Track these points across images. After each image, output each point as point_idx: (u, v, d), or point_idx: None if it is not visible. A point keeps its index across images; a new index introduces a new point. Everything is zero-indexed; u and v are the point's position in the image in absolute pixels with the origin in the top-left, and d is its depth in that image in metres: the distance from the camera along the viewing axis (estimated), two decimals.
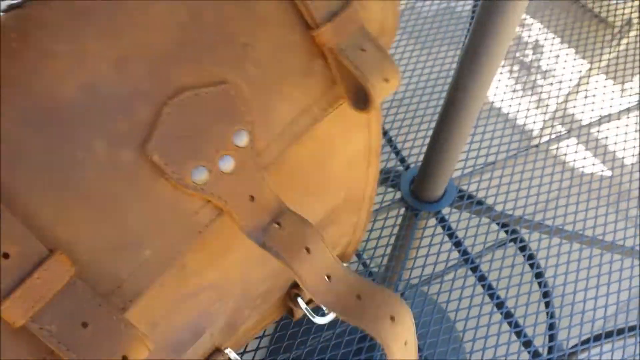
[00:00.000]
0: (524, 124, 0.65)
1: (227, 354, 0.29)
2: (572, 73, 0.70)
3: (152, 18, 0.24)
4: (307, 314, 0.37)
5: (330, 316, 0.33)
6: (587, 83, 0.72)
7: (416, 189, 0.57)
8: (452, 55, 0.67)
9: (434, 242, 0.53)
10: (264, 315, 0.35)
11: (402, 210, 0.57)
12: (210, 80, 0.25)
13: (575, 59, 0.71)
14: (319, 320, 0.34)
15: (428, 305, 0.50)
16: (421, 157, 0.55)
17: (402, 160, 0.61)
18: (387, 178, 0.58)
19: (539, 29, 0.76)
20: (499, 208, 0.56)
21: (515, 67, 0.73)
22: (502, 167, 0.58)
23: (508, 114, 0.65)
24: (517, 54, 0.75)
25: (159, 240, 0.24)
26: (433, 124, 0.52)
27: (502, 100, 0.67)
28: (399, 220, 0.56)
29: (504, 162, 0.59)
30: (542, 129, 0.68)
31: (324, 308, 0.28)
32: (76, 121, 0.23)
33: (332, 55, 0.28)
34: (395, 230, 0.55)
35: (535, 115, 0.66)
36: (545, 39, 0.73)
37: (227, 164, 0.25)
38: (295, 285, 0.37)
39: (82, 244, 0.23)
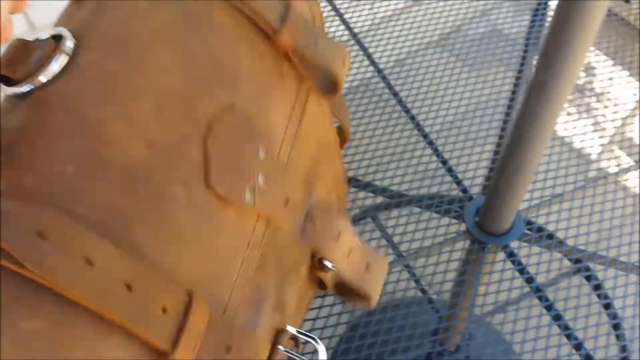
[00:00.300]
0: (588, 154, 0.64)
1: (288, 330, 0.31)
2: (627, 96, 0.69)
3: (160, 65, 0.28)
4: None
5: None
6: None
7: (482, 220, 0.55)
8: (501, 77, 0.67)
9: (504, 278, 0.52)
10: (301, 293, 0.35)
11: (468, 244, 0.56)
12: (223, 107, 0.29)
13: (628, 82, 0.70)
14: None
15: (492, 336, 0.50)
16: (481, 185, 0.55)
17: (465, 191, 0.60)
18: (450, 209, 0.57)
19: (590, 50, 0.75)
20: (569, 242, 0.56)
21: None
22: (570, 198, 0.57)
23: (564, 137, 0.64)
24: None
25: (239, 263, 0.28)
26: (487, 148, 0.51)
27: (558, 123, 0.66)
28: (463, 253, 0.55)
29: (572, 194, 0.58)
30: (600, 153, 0.67)
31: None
32: (156, 175, 0.26)
33: (296, 55, 0.32)
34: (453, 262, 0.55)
35: (593, 139, 0.64)
36: (597, 61, 0.72)
37: (262, 179, 0.29)
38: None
39: (196, 283, 0.25)
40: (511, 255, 0.55)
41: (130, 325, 0.22)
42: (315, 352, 0.32)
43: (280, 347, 0.29)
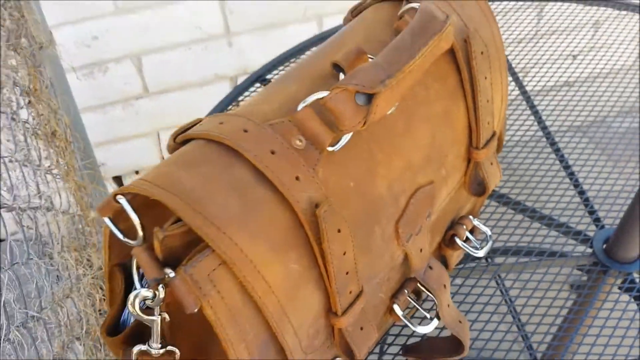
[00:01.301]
0: None
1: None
2: None
3: (417, 140, 0.41)
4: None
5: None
6: None
7: (610, 247, 0.60)
8: (635, 180, 0.70)
9: (621, 300, 0.56)
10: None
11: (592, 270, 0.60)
12: (428, 181, 0.43)
13: None
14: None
15: None
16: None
17: (597, 220, 0.66)
18: (579, 233, 0.63)
19: None
20: None
21: None
22: None
23: None
24: None
25: (385, 271, 0.42)
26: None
27: None
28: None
29: None
30: None
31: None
32: (381, 208, 0.39)
33: (476, 164, 0.47)
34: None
35: None
36: None
37: (418, 231, 0.42)
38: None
39: (365, 279, 0.39)
40: (632, 282, 0.59)
41: (335, 290, 0.36)
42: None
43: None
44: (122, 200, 0.32)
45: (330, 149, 0.35)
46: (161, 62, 1.20)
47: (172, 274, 0.30)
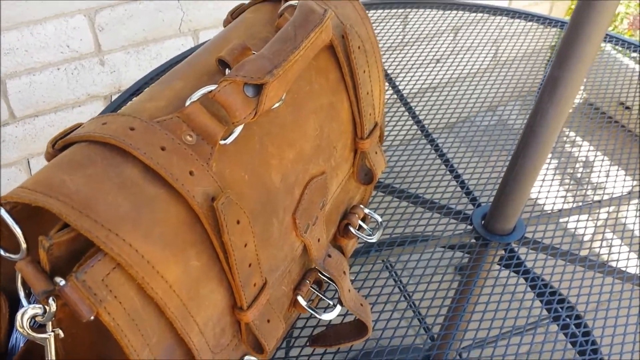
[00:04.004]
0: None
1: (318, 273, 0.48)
2: (622, 188, 0.75)
3: (306, 132, 0.42)
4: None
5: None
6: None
7: (487, 221, 0.65)
8: (501, 165, 0.75)
9: (501, 276, 0.60)
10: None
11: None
12: (320, 171, 0.44)
13: (625, 180, 0.77)
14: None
15: None
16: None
17: (474, 199, 0.71)
18: (459, 212, 0.67)
19: (588, 149, 0.82)
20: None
21: (566, 181, 0.81)
22: None
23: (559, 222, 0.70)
24: (569, 170, 0.84)
25: (286, 264, 0.42)
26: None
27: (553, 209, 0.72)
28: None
29: None
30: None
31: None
32: (277, 199, 0.39)
33: (363, 154, 0.49)
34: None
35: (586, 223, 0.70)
36: (596, 159, 0.81)
37: (315, 221, 0.44)
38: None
39: (268, 271, 0.39)
40: (511, 252, 0.63)
41: (239, 283, 0.36)
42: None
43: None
44: (1, 211, 0.29)
45: (222, 142, 0.35)
46: (29, 85, 1.13)
47: (62, 283, 0.28)
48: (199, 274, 0.33)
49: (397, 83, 0.91)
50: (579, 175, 0.81)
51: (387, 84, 0.92)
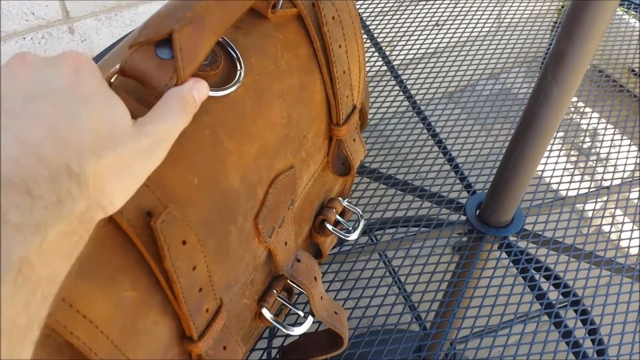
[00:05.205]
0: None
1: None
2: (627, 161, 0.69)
3: (270, 120, 0.35)
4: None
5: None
6: None
7: (482, 212, 0.58)
8: (505, 133, 0.69)
9: (499, 266, 0.55)
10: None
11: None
12: (288, 166, 0.37)
13: (630, 150, 0.71)
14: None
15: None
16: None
17: (468, 186, 0.64)
18: (452, 201, 0.61)
19: (597, 118, 0.77)
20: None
21: (573, 152, 0.74)
22: None
23: (565, 198, 0.64)
24: (575, 140, 0.77)
25: (247, 274, 0.36)
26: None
27: (560, 183, 0.66)
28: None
29: None
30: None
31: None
32: (236, 203, 0.33)
33: (339, 142, 0.43)
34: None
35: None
36: (602, 128, 0.74)
37: (282, 222, 0.37)
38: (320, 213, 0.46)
39: (223, 289, 0.33)
40: (508, 246, 0.56)
41: (187, 312, 0.29)
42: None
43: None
44: None
45: None
46: None
47: None
48: (135, 305, 0.27)
49: (389, 50, 0.84)
50: (585, 155, 0.74)
51: (376, 54, 0.84)
